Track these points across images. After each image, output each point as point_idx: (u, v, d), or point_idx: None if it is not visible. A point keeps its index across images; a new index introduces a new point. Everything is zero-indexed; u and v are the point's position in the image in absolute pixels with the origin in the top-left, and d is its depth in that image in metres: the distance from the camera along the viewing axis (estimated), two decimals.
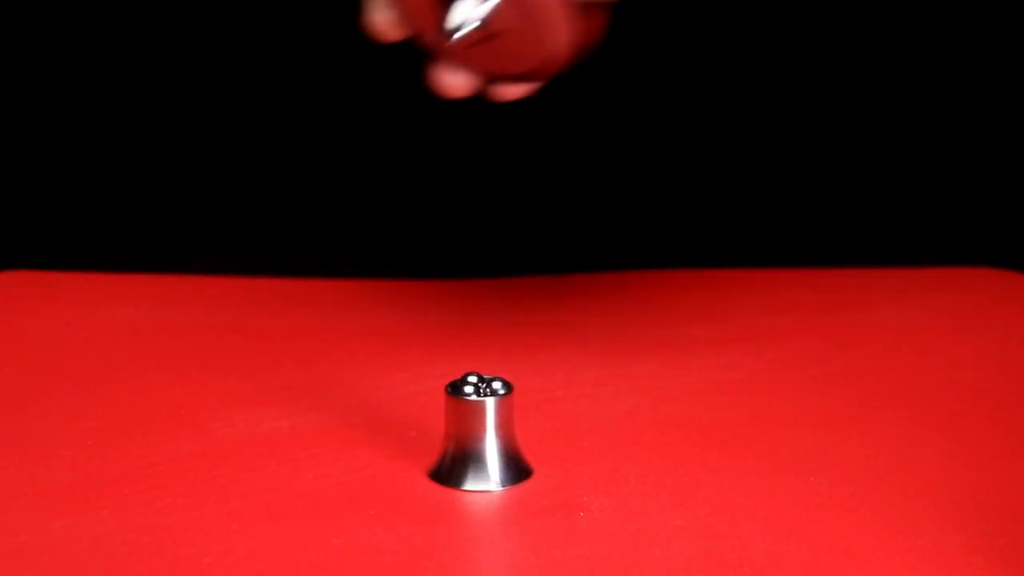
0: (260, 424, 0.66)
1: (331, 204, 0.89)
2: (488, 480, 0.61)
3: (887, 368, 0.73)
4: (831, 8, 0.86)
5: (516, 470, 0.61)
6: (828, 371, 0.73)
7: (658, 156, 0.89)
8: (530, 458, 0.62)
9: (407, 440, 0.65)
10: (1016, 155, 0.88)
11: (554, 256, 0.89)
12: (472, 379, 0.61)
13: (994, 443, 0.65)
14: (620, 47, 0.69)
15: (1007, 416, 0.68)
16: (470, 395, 0.60)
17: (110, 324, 0.80)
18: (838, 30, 0.87)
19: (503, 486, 0.61)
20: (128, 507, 0.59)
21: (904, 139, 0.88)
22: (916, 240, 0.89)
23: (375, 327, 0.80)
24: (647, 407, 0.69)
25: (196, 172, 0.89)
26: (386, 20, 0.66)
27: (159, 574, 0.54)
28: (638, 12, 0.80)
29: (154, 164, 0.89)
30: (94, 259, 0.89)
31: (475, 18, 0.63)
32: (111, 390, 0.71)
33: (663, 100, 0.88)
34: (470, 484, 0.61)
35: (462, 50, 0.64)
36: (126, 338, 0.78)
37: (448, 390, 0.61)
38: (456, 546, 0.57)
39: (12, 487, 0.61)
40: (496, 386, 0.60)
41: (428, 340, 0.77)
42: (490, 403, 0.60)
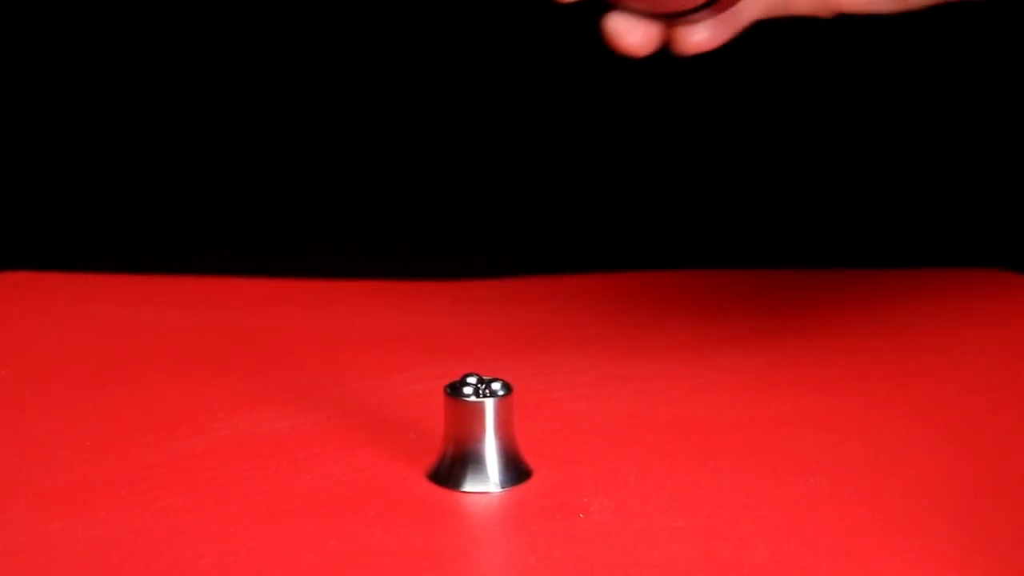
0: (259, 425, 0.66)
1: (331, 204, 0.89)
2: (487, 481, 0.61)
3: (887, 369, 0.73)
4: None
5: (515, 471, 0.61)
6: (828, 372, 0.73)
7: (657, 156, 0.88)
8: (530, 459, 0.62)
9: (406, 441, 0.64)
10: (1016, 156, 0.88)
11: (554, 256, 0.89)
12: (471, 380, 0.60)
13: (995, 444, 0.65)
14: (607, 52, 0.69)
15: (1007, 417, 0.68)
16: (469, 396, 0.60)
17: (109, 324, 0.80)
18: (838, 31, 0.86)
19: (502, 487, 0.61)
20: (126, 508, 0.58)
21: (904, 139, 0.88)
22: (916, 241, 0.89)
23: (374, 327, 0.80)
24: (647, 408, 0.68)
25: (196, 172, 0.89)
26: None
27: (158, 575, 0.54)
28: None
29: (154, 164, 0.89)
30: (94, 259, 0.88)
31: None
32: (110, 391, 0.71)
33: (662, 99, 0.87)
34: (469, 485, 0.60)
35: None
36: (125, 338, 0.78)
37: (447, 391, 0.61)
38: (455, 547, 0.57)
39: (10, 488, 0.61)
40: (495, 387, 0.60)
41: (427, 341, 0.77)
42: (489, 404, 0.60)
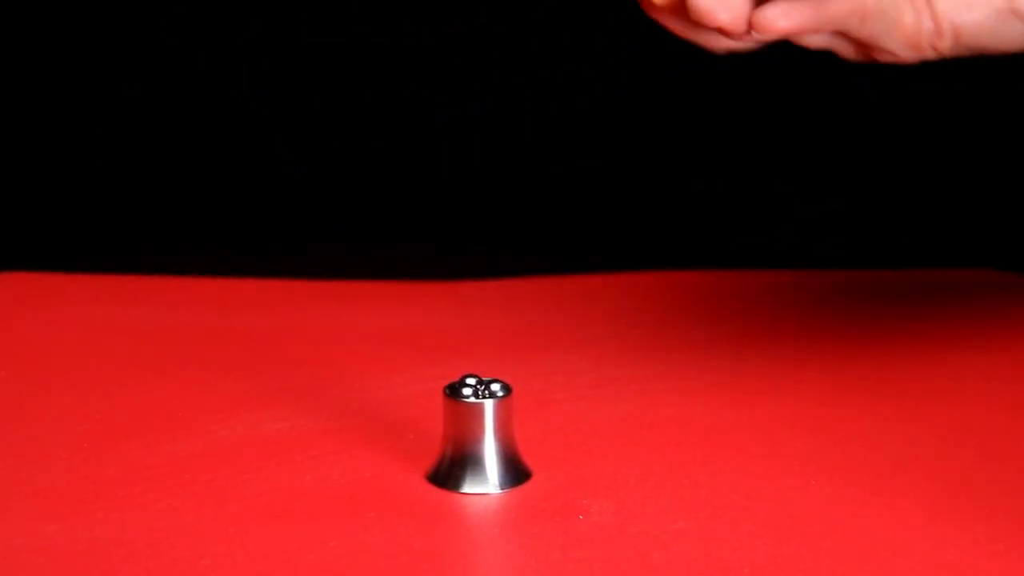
0: (258, 426, 0.66)
1: (331, 204, 0.89)
2: (487, 483, 0.60)
3: (887, 370, 0.73)
4: None
5: (515, 472, 0.61)
6: (828, 373, 0.73)
7: (657, 156, 0.88)
8: (529, 460, 0.62)
9: (405, 442, 0.64)
10: (1016, 158, 0.88)
11: (554, 256, 0.89)
12: (471, 381, 0.60)
13: (995, 445, 0.65)
14: (613, 45, 0.69)
15: (1008, 418, 0.68)
16: (468, 397, 0.60)
17: (108, 326, 0.80)
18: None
19: (502, 489, 0.60)
20: (125, 509, 0.58)
21: (903, 140, 0.88)
22: (916, 242, 0.89)
23: (373, 328, 0.79)
24: (647, 409, 0.68)
25: (196, 172, 0.89)
26: None
27: None
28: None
29: (154, 164, 0.89)
30: (94, 259, 0.88)
31: None
32: (108, 392, 0.71)
33: (661, 99, 0.87)
34: (468, 487, 0.60)
35: None
36: (124, 339, 0.77)
37: (446, 392, 0.61)
38: (454, 549, 0.56)
39: (9, 489, 0.60)
40: (495, 388, 0.60)
41: (426, 341, 0.77)
42: (489, 405, 0.60)
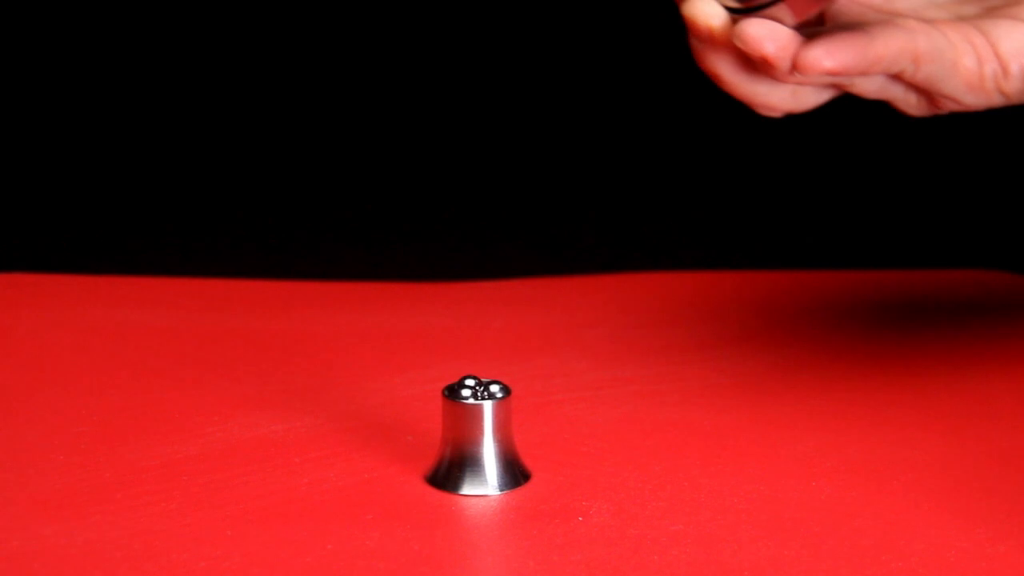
0: (256, 428, 0.66)
1: (330, 205, 0.89)
2: (485, 484, 0.60)
3: (888, 371, 0.73)
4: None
5: (514, 474, 0.61)
6: (828, 374, 0.72)
7: (657, 156, 0.88)
8: (528, 462, 0.62)
9: (404, 444, 0.64)
10: (1015, 158, 0.88)
11: (554, 256, 0.89)
12: (469, 382, 0.60)
13: (996, 446, 0.64)
14: (613, 45, 0.69)
15: (1008, 419, 0.67)
16: (467, 398, 0.60)
17: (104, 327, 0.79)
18: None
19: (501, 490, 0.60)
20: (121, 512, 0.58)
21: (903, 141, 0.88)
22: (916, 242, 0.89)
23: (372, 329, 0.79)
24: (646, 411, 0.68)
25: (196, 172, 0.89)
26: None
27: None
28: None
29: (154, 164, 0.89)
30: (93, 260, 0.88)
31: None
32: (105, 393, 0.70)
33: (661, 99, 0.87)
34: (467, 488, 0.60)
35: None
36: (121, 341, 0.77)
37: (445, 393, 0.60)
38: (453, 551, 0.56)
39: (3, 492, 0.60)
40: (494, 389, 0.60)
41: (425, 343, 0.77)
42: (488, 407, 0.60)
